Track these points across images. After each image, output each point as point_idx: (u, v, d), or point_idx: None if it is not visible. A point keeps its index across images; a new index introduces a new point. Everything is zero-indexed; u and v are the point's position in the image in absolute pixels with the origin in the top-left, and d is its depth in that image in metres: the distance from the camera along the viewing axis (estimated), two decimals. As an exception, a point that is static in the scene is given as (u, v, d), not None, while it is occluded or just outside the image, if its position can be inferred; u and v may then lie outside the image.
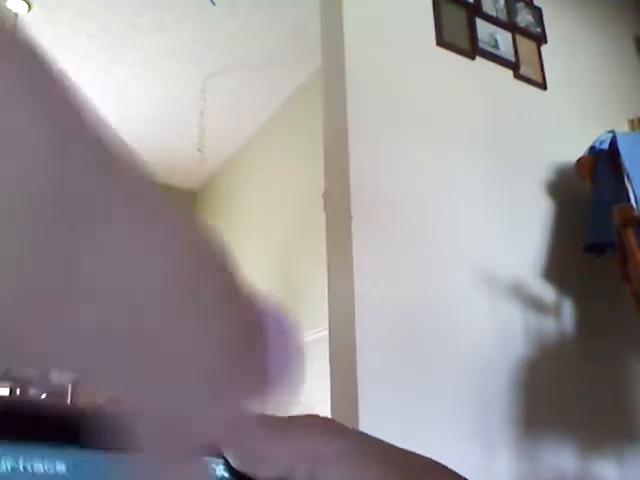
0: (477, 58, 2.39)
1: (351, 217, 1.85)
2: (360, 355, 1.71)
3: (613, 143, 2.14)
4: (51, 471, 0.14)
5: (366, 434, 0.21)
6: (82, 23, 3.78)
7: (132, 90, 4.49)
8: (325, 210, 2.00)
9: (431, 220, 2.03)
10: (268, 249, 4.37)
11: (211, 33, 3.89)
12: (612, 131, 2.18)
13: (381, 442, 0.21)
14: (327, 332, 1.87)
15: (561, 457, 1.97)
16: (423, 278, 1.94)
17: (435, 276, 1.96)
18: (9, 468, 0.13)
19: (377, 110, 2.07)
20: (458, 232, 2.06)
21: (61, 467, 0.14)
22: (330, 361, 1.81)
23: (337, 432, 0.21)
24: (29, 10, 3.63)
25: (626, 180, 2.06)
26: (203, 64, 4.19)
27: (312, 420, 0.22)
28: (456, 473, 0.20)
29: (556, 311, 2.19)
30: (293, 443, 0.21)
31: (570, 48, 2.79)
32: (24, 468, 0.13)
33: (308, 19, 3.61)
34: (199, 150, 4.56)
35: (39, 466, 0.13)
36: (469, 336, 1.94)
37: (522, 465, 1.88)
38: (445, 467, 0.20)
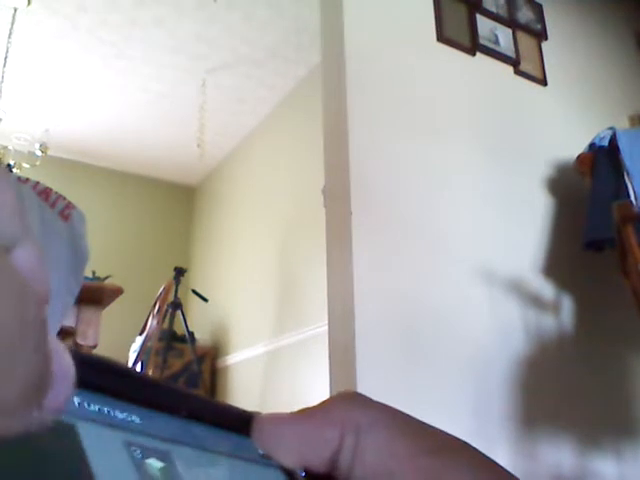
0: (477, 54, 2.39)
1: (351, 213, 1.85)
2: (359, 351, 1.71)
3: (613, 140, 2.14)
4: (128, 418, 0.18)
5: (392, 407, 0.22)
6: (81, 18, 3.78)
7: (131, 85, 4.48)
8: (325, 206, 2.00)
9: (431, 216, 2.03)
10: (268, 245, 4.37)
11: (211, 28, 3.88)
12: (612, 127, 2.18)
13: (406, 415, 0.22)
14: (326, 328, 1.87)
15: (560, 453, 1.98)
16: (422, 274, 1.94)
17: (434, 272, 1.96)
18: (96, 409, 0.17)
19: (377, 106, 2.06)
20: (458, 228, 2.06)
21: (136, 418, 0.18)
22: (329, 357, 1.81)
23: (368, 402, 0.22)
24: (28, 4, 3.62)
25: (626, 177, 2.06)
26: (203, 59, 4.18)
27: (340, 396, 0.23)
28: (480, 451, 0.20)
29: (555, 307, 2.19)
30: (334, 419, 0.21)
31: (570, 44, 2.79)
32: (107, 411, 0.18)
33: (308, 14, 3.60)
34: (199, 146, 4.55)
35: (118, 412, 0.18)
36: (468, 332, 1.94)
37: (521, 461, 1.89)
38: (468, 444, 0.21)
